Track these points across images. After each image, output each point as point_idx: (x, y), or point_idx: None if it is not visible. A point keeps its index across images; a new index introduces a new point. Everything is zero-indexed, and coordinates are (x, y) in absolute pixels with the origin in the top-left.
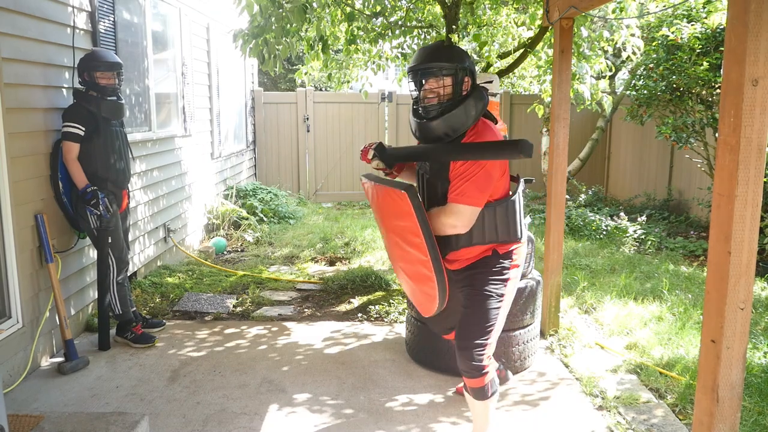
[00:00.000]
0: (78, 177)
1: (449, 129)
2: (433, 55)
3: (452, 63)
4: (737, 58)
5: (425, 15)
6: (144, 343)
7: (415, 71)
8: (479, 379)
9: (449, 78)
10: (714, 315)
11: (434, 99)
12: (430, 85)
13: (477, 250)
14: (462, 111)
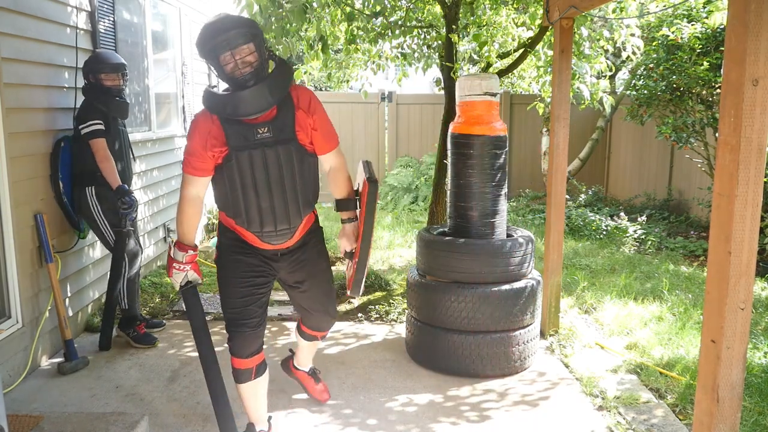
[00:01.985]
0: (113, 175)
1: (272, 91)
2: (229, 23)
3: (250, 27)
4: (737, 58)
5: (425, 15)
6: (145, 344)
7: (219, 44)
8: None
9: (252, 43)
10: (714, 315)
11: (248, 68)
12: (240, 55)
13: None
14: (278, 72)
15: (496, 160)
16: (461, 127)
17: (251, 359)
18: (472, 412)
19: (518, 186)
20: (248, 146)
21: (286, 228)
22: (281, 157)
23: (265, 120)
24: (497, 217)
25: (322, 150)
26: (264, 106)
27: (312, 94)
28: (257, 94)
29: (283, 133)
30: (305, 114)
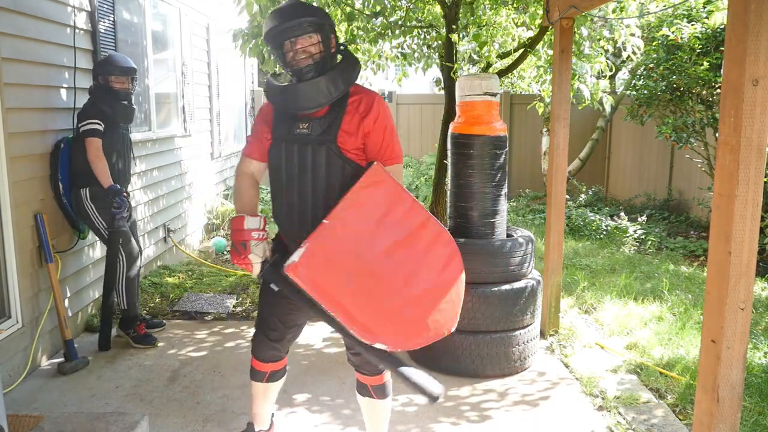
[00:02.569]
0: (104, 175)
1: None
2: (296, 11)
3: (318, 17)
4: (737, 58)
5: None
6: (145, 344)
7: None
8: (382, 375)
9: (318, 34)
10: (714, 315)
11: (308, 59)
12: (301, 44)
13: None
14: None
15: (496, 160)
16: (461, 127)
17: (266, 364)
18: (472, 412)
19: (518, 186)
20: (286, 139)
21: (305, 235)
22: (313, 157)
23: (311, 116)
24: (497, 217)
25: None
26: (312, 105)
27: (379, 102)
28: (311, 90)
29: (322, 133)
30: (359, 119)
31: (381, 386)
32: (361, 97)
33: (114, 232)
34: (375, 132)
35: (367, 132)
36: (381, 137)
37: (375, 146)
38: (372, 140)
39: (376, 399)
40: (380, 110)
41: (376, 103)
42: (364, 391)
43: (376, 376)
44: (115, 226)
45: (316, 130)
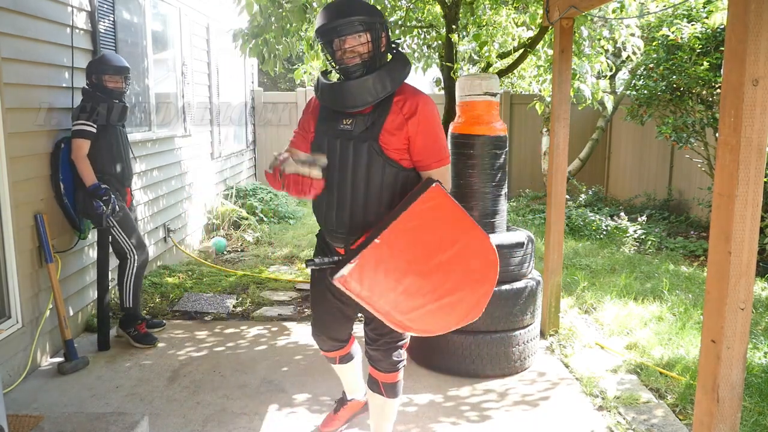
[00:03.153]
0: (87, 175)
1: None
2: (347, 9)
3: (368, 16)
4: (737, 58)
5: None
6: (146, 344)
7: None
8: (396, 374)
9: (367, 33)
10: (714, 315)
11: (356, 58)
12: (349, 43)
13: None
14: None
15: (496, 160)
16: (461, 127)
17: (329, 353)
18: (472, 412)
19: (518, 186)
20: (329, 134)
21: (342, 233)
22: (354, 155)
23: (355, 113)
24: (497, 217)
25: (420, 166)
26: (359, 103)
27: (425, 104)
28: (358, 89)
29: (365, 131)
30: (403, 119)
31: (393, 384)
32: (406, 97)
33: (105, 229)
34: (419, 134)
35: (411, 134)
36: (425, 140)
37: (420, 149)
38: (417, 143)
39: (385, 397)
40: (425, 112)
41: (421, 105)
42: (375, 388)
43: (390, 373)
44: (103, 224)
45: (359, 127)
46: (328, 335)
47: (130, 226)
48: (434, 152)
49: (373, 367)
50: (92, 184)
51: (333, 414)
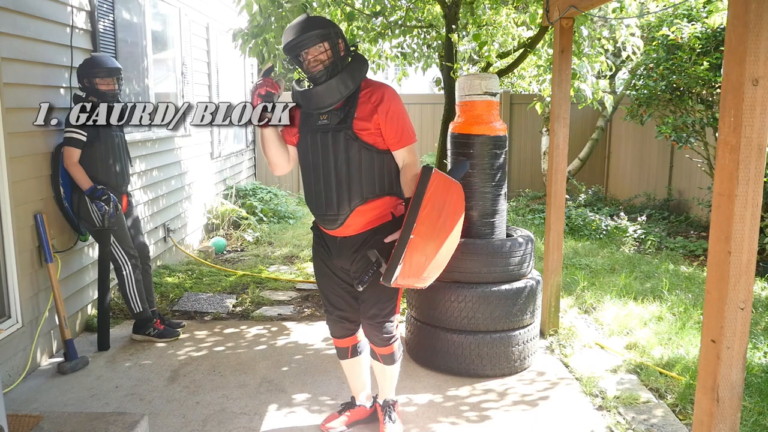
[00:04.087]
0: (82, 180)
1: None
2: (305, 26)
3: (324, 28)
4: (737, 58)
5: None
6: (169, 338)
7: (295, 45)
8: (390, 347)
9: (326, 43)
10: (714, 315)
11: (320, 66)
12: (312, 54)
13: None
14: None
15: (496, 159)
16: (461, 126)
17: (343, 340)
18: (471, 412)
19: (518, 186)
20: (309, 131)
21: (333, 214)
22: (333, 143)
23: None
24: (497, 217)
25: (391, 146)
26: (327, 103)
27: (389, 93)
28: (325, 92)
29: (340, 122)
30: (372, 107)
31: (389, 355)
32: (373, 89)
33: (104, 231)
34: (390, 119)
35: (381, 119)
36: (396, 122)
37: (393, 131)
38: (389, 126)
39: (383, 364)
40: (391, 99)
41: (387, 93)
42: (373, 356)
43: (383, 347)
44: (105, 224)
45: (334, 120)
46: (340, 315)
47: (124, 236)
48: (404, 133)
49: (371, 342)
50: (89, 188)
51: (337, 414)
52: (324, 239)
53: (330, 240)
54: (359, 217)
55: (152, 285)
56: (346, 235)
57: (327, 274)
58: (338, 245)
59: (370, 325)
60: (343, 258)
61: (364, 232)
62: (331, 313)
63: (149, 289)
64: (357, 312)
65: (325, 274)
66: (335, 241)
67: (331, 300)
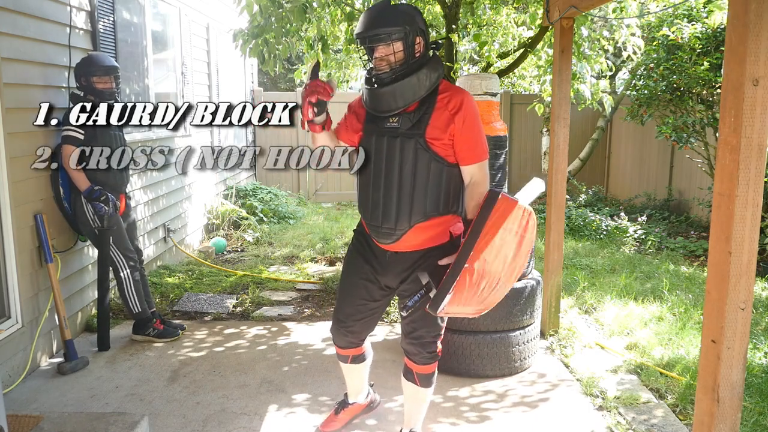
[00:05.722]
0: (79, 180)
1: (401, 96)
2: (380, 19)
3: (400, 26)
4: (738, 58)
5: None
6: (168, 338)
7: (362, 38)
8: (431, 365)
9: (399, 42)
10: (714, 315)
11: (386, 66)
12: (380, 53)
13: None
14: (415, 79)
15: (496, 160)
16: None
17: (345, 350)
18: (471, 413)
19: (518, 186)
20: (375, 132)
21: (389, 228)
22: (401, 151)
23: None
24: None
25: (462, 160)
26: (391, 108)
27: (469, 100)
28: (389, 96)
29: (412, 127)
30: (449, 115)
31: (428, 375)
32: (451, 94)
33: (104, 231)
34: (465, 130)
35: (457, 129)
36: (471, 135)
37: (466, 144)
38: (463, 138)
39: (419, 386)
40: (470, 108)
41: (466, 101)
42: (410, 377)
43: (426, 365)
44: (102, 225)
45: (406, 124)
46: (349, 329)
47: (121, 237)
48: (477, 147)
49: (410, 359)
50: (86, 189)
51: (334, 415)
52: (372, 249)
53: (379, 252)
54: (417, 234)
55: (148, 288)
56: (400, 250)
57: (357, 285)
58: (388, 260)
59: (414, 344)
60: (389, 274)
61: (419, 250)
62: (340, 323)
63: (146, 292)
64: (368, 330)
65: (355, 284)
66: (385, 255)
67: (347, 311)
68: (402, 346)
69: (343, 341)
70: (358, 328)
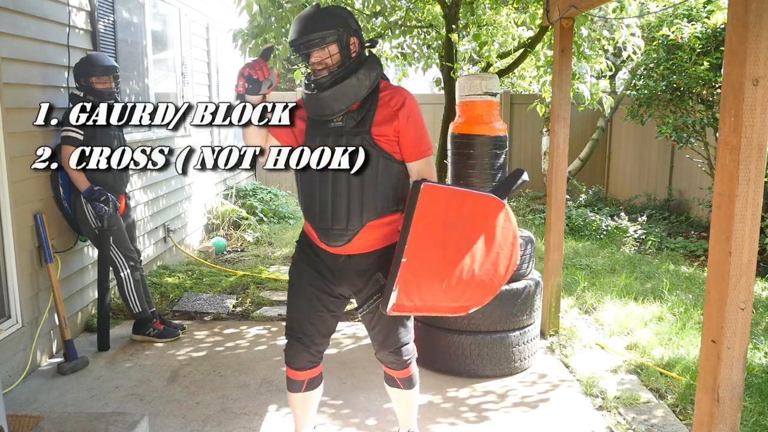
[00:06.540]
0: (78, 180)
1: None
2: (312, 24)
3: (333, 29)
4: (738, 58)
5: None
6: (168, 338)
7: (297, 46)
8: (408, 368)
9: (334, 45)
10: (714, 315)
11: (324, 70)
12: (316, 57)
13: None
14: (354, 79)
15: (496, 160)
16: (461, 126)
17: (302, 372)
18: (471, 413)
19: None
20: (320, 132)
21: (341, 229)
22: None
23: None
24: None
25: (408, 157)
26: (336, 110)
27: (410, 98)
28: (335, 96)
29: (356, 126)
30: (392, 113)
31: (408, 378)
32: (393, 92)
33: (104, 231)
34: (409, 126)
35: (402, 125)
36: (414, 132)
37: (411, 140)
38: (408, 134)
39: (403, 389)
40: (412, 105)
41: (408, 99)
42: (393, 383)
43: (402, 370)
44: (102, 225)
45: (350, 123)
46: (309, 346)
47: (121, 237)
48: (422, 143)
49: (388, 367)
50: (86, 189)
51: None
52: (320, 258)
53: (330, 259)
54: (370, 234)
55: (147, 288)
56: (352, 253)
57: (309, 300)
58: (341, 265)
59: (387, 353)
60: (343, 281)
61: (372, 252)
62: (298, 341)
63: (146, 292)
64: (327, 343)
65: (305, 298)
66: (336, 261)
67: (303, 327)
68: (378, 357)
69: (303, 360)
70: (319, 341)
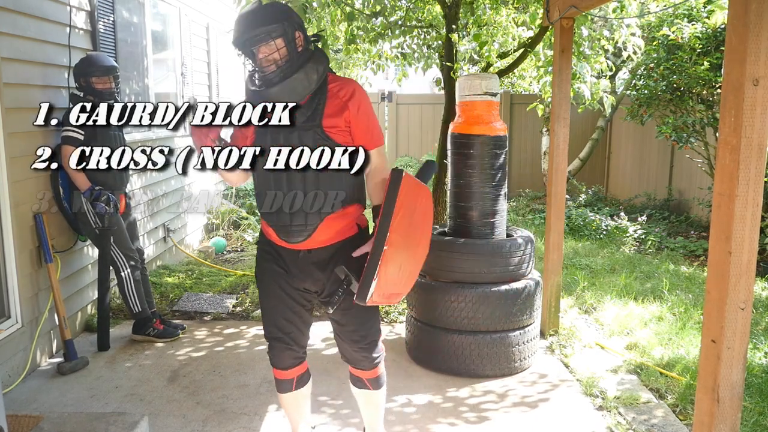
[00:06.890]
0: (79, 180)
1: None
2: (256, 20)
3: (278, 23)
4: (738, 58)
5: (425, 15)
6: (168, 338)
7: (242, 43)
8: (377, 368)
9: (280, 39)
10: (714, 315)
11: (272, 66)
12: (263, 53)
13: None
14: (302, 74)
15: (496, 160)
16: (461, 126)
17: (289, 371)
18: (471, 413)
19: (518, 186)
20: (270, 130)
21: (300, 225)
22: (301, 143)
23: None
24: (497, 217)
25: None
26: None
27: (359, 89)
28: (284, 91)
29: (307, 120)
30: (342, 103)
31: (377, 378)
32: (341, 83)
33: (104, 231)
34: (360, 116)
35: (352, 115)
36: (366, 121)
37: (362, 130)
38: (360, 125)
39: (371, 390)
40: (362, 95)
41: (357, 89)
42: (360, 384)
43: (371, 370)
44: (103, 225)
45: (301, 118)
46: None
47: (122, 237)
48: (374, 133)
49: (355, 367)
50: (86, 189)
51: None
52: (281, 255)
53: (290, 256)
54: (329, 227)
55: (150, 287)
56: (312, 247)
57: (278, 296)
58: (300, 261)
59: (357, 350)
60: (305, 276)
61: (331, 245)
62: (278, 341)
63: (148, 292)
64: (307, 337)
65: (275, 296)
66: (296, 257)
67: (280, 326)
68: (345, 356)
69: (288, 358)
70: (298, 336)
